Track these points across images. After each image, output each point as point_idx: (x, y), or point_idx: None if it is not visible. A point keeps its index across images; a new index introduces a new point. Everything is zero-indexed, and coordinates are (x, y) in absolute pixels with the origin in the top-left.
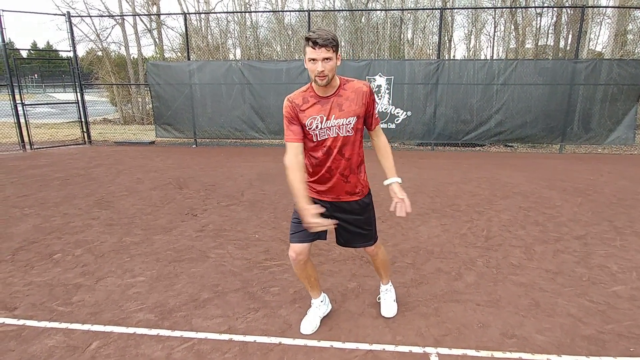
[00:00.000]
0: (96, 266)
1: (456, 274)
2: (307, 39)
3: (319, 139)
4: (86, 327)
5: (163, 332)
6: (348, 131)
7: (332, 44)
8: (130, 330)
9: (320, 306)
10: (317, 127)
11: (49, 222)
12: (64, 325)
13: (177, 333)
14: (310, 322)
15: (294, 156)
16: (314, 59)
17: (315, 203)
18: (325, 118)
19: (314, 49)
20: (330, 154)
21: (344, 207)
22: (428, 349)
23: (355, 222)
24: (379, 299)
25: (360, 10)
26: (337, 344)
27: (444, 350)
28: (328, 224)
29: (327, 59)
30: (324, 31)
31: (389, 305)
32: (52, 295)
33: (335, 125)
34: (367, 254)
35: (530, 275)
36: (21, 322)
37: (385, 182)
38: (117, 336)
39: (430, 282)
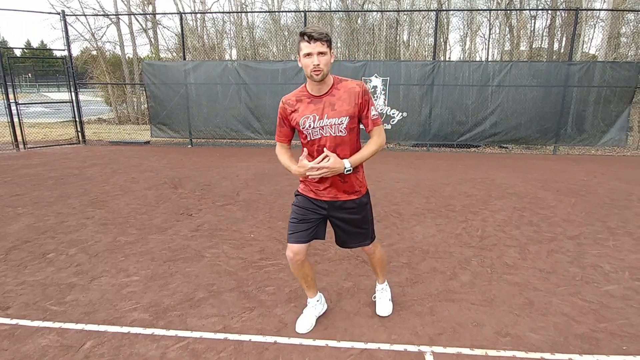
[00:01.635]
0: (90, 265)
1: (451, 274)
2: (302, 34)
3: (312, 138)
4: (80, 326)
5: (158, 332)
6: (340, 131)
7: (326, 39)
8: (125, 329)
9: (316, 305)
10: (310, 126)
11: (43, 221)
12: (57, 324)
13: (171, 332)
14: (305, 321)
15: (280, 148)
16: (309, 54)
17: (313, 203)
18: (318, 117)
19: (309, 42)
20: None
21: (342, 206)
22: (423, 348)
23: (352, 221)
24: (374, 297)
25: (356, 11)
26: (333, 343)
27: (439, 349)
28: (315, 168)
29: (321, 53)
30: (317, 27)
31: (384, 304)
32: (45, 295)
33: (327, 125)
34: (364, 253)
35: (524, 275)
36: (14, 321)
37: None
38: (111, 335)
39: (425, 282)
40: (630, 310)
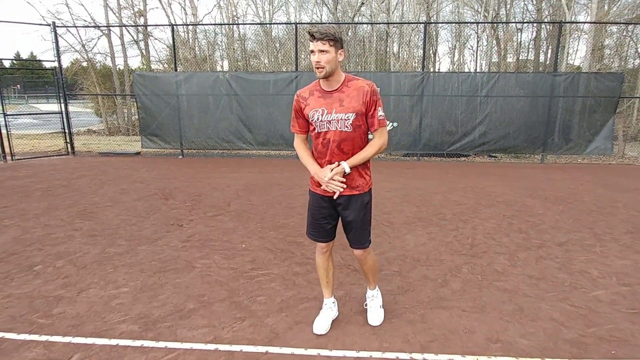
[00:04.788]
0: (78, 278)
1: (442, 281)
2: (308, 33)
3: (319, 131)
4: (67, 339)
5: (147, 343)
6: (347, 127)
7: (329, 38)
8: (113, 342)
9: (332, 307)
10: (318, 119)
11: (30, 233)
12: (44, 337)
13: (161, 344)
14: (323, 322)
15: (300, 141)
16: (312, 51)
17: (323, 201)
18: (326, 111)
19: (312, 41)
20: (328, 146)
21: (346, 202)
22: (415, 355)
23: (353, 219)
24: (366, 305)
25: (346, 23)
26: (324, 352)
27: (431, 356)
28: (340, 185)
29: (323, 51)
30: (324, 27)
31: (375, 312)
32: (32, 308)
33: (334, 119)
34: (356, 258)
35: (514, 281)
36: (0, 335)
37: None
38: (99, 348)
39: (416, 289)
40: (618, 315)
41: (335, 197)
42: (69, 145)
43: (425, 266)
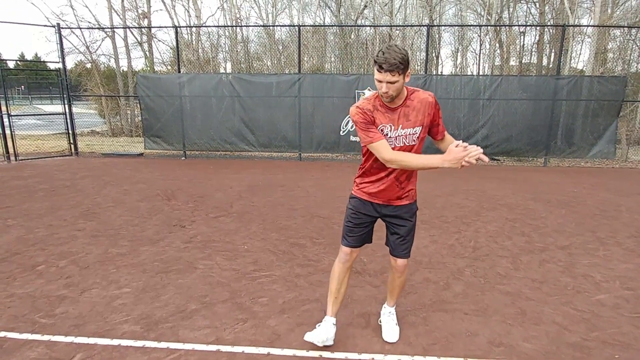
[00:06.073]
0: (80, 278)
1: (444, 284)
2: (375, 61)
3: None
4: (69, 339)
5: (149, 344)
6: (413, 140)
7: (399, 68)
8: (115, 342)
9: (333, 327)
10: (386, 135)
11: (33, 233)
12: (46, 337)
13: (163, 344)
14: (322, 335)
15: (390, 149)
16: (379, 80)
17: (367, 206)
18: (393, 127)
19: (380, 72)
20: None
21: (395, 211)
22: (417, 358)
23: (405, 227)
24: (380, 321)
25: (349, 26)
26: (326, 354)
27: (433, 359)
28: (477, 150)
29: (391, 82)
30: (393, 53)
31: (392, 329)
32: (34, 307)
33: (402, 135)
34: (394, 269)
35: (517, 285)
36: (2, 334)
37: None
38: (101, 348)
39: (418, 292)
40: (622, 319)
41: (486, 160)
42: (72, 146)
43: (428, 269)
